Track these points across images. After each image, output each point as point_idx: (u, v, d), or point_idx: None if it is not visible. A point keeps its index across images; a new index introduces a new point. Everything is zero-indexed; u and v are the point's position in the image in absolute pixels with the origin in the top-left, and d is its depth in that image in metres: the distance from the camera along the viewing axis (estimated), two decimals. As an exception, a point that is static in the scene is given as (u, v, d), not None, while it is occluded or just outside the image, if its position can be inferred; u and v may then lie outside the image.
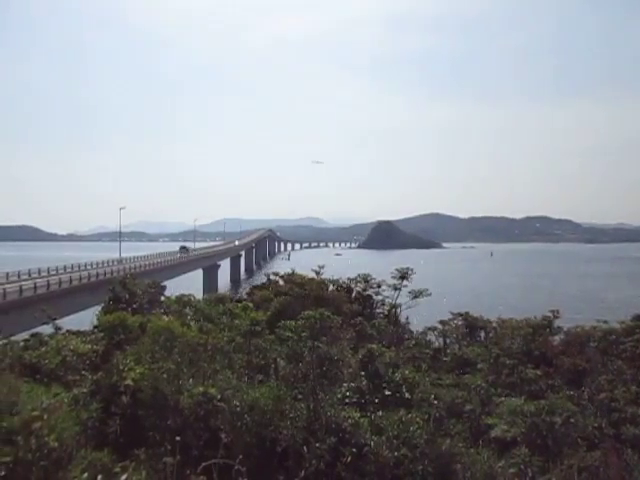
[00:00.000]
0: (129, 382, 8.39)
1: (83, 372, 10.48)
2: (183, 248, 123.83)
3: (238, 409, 9.02)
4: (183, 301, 21.75)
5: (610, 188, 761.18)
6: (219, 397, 8.87)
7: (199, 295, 35.26)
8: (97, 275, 60.76)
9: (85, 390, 8.33)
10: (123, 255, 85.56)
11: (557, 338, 31.52)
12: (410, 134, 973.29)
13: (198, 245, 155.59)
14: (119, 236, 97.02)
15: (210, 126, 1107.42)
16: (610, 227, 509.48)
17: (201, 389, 8.90)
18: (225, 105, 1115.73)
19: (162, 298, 24.76)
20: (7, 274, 51.95)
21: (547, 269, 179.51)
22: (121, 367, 8.90)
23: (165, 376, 9.03)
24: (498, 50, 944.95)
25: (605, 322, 30.57)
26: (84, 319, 29.21)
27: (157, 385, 8.63)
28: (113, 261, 77.47)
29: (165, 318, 15.47)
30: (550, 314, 32.98)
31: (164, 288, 28.63)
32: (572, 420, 14.58)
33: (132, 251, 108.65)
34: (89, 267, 67.52)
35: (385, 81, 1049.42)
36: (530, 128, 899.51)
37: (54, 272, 59.62)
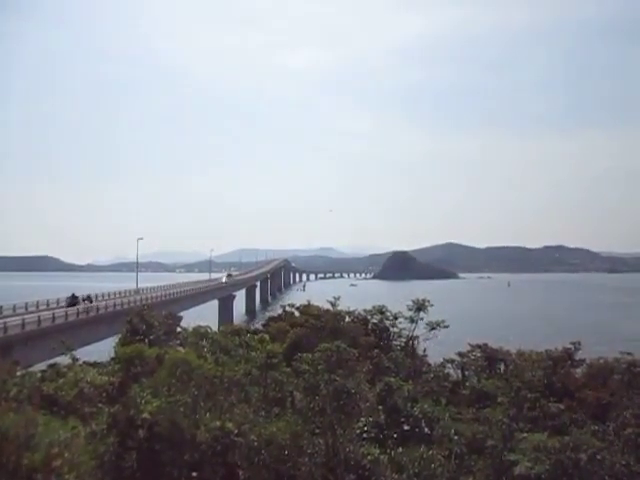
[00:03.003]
0: (146, 415, 8.31)
1: (100, 404, 10.43)
2: (229, 276, 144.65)
3: (255, 444, 8.88)
4: (200, 333, 21.75)
5: (629, 216, 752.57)
6: (236, 432, 8.74)
7: (214, 326, 35.24)
8: (114, 306, 61.05)
9: (102, 424, 8.28)
10: (140, 285, 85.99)
11: (579, 370, 30.80)
12: (426, 165, 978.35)
13: (214, 276, 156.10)
14: (136, 266, 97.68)
15: (227, 157, 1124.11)
16: (630, 256, 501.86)
17: (218, 423, 8.79)
18: (241, 136, 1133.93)
19: (178, 329, 24.78)
20: (26, 304, 52.40)
21: (565, 299, 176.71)
22: (138, 400, 8.84)
23: (182, 409, 8.94)
24: (511, 82, 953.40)
25: (629, 354, 29.82)
26: (101, 350, 29.27)
27: (174, 419, 8.53)
28: (130, 291, 77.82)
29: (182, 350, 15.43)
30: (571, 346, 32.32)
31: (180, 319, 28.70)
32: (598, 457, 14.11)
33: (149, 281, 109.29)
34: (106, 298, 67.90)
35: (403, 113, 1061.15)
36: (544, 158, 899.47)
37: (72, 303, 60.02)
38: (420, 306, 40.83)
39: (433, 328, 39.18)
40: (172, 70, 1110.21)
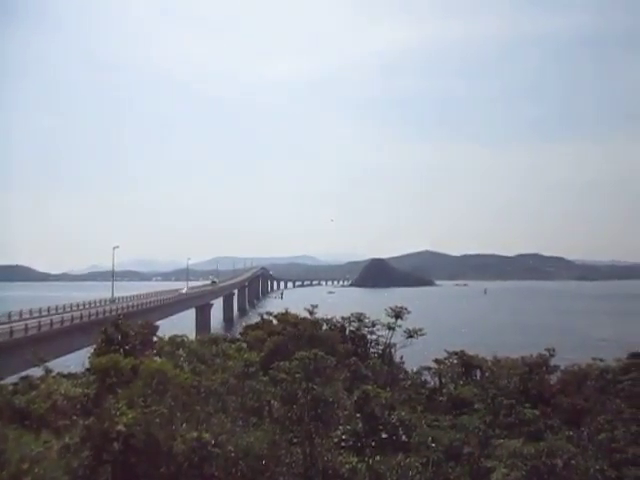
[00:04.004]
0: (121, 427, 8.17)
1: (74, 417, 10.22)
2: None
3: (233, 454, 8.80)
4: (176, 342, 21.51)
5: (602, 226, 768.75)
6: (213, 442, 8.65)
7: (192, 335, 34.88)
8: (89, 315, 60.03)
9: (76, 437, 8.12)
10: (116, 294, 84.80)
11: (554, 377, 31.25)
12: (403, 173, 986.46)
13: (191, 284, 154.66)
14: (112, 275, 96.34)
15: (203, 165, 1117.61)
16: (602, 264, 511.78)
17: (195, 434, 8.69)
18: (218, 144, 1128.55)
19: (155, 339, 24.48)
20: (-4, 315, 51.19)
21: (540, 306, 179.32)
22: (113, 411, 8.70)
23: (158, 421, 8.83)
24: (490, 93, 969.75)
25: (601, 360, 30.38)
26: (76, 361, 28.74)
27: (150, 430, 8.42)
28: (106, 301, 76.67)
29: (158, 360, 15.25)
30: (546, 352, 32.78)
31: (157, 328, 28.34)
32: (573, 462, 14.32)
33: (125, 290, 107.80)
34: (81, 307, 66.79)
35: (378, 122, 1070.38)
36: (519, 169, 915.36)
37: (45, 312, 58.83)
38: (397, 314, 41.03)
39: (410, 336, 39.40)
40: (152, 77, 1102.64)
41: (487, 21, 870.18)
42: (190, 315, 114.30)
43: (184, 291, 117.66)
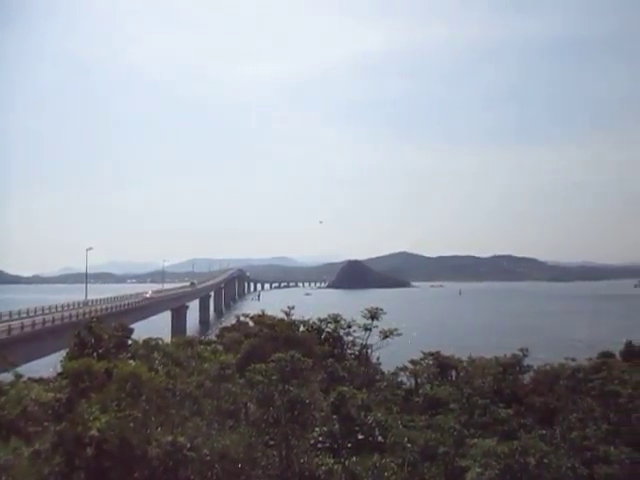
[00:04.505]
0: (94, 432, 8.05)
1: (45, 423, 10.03)
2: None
3: (208, 458, 8.74)
4: (151, 345, 21.28)
5: (573, 227, 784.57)
6: (188, 446, 8.58)
7: (167, 338, 34.53)
8: (62, 319, 59.02)
9: (47, 443, 7.97)
10: (90, 297, 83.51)
11: (527, 376, 31.73)
12: (379, 175, 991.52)
13: (167, 286, 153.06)
14: (85, 278, 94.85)
15: (180, 166, 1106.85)
16: (573, 265, 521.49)
17: (170, 438, 8.61)
18: (195, 145, 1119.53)
19: (129, 342, 24.17)
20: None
21: (514, 307, 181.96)
22: (86, 416, 8.56)
23: (132, 425, 8.72)
24: (462, 96, 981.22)
25: (573, 360, 30.95)
26: (48, 365, 28.17)
27: (124, 435, 8.31)
28: (79, 304, 75.47)
29: (132, 363, 15.06)
30: (519, 352, 33.27)
31: (131, 331, 27.96)
32: (546, 460, 14.55)
33: (99, 293, 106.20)
34: (54, 310, 65.62)
35: (359, 124, 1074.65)
36: (493, 171, 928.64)
37: (16, 316, 57.68)
38: (374, 315, 41.19)
39: (386, 336, 39.58)
40: (127, 77, 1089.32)
41: (470, 24, 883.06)
42: (166, 317, 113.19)
43: (148, 295, 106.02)
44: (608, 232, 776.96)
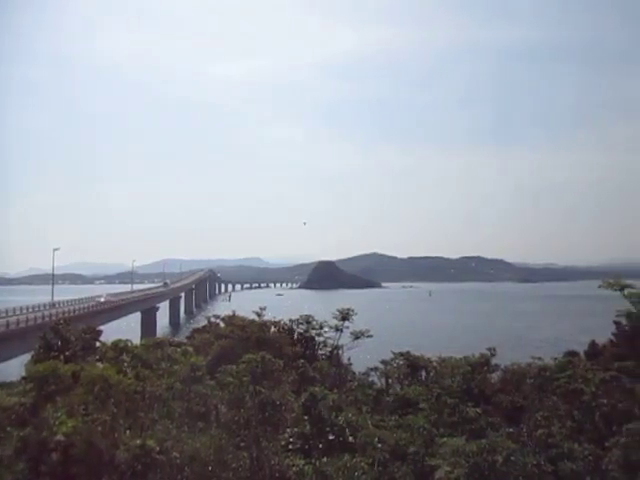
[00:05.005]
0: (60, 437, 7.90)
1: (8, 428, 9.77)
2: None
3: (178, 461, 8.66)
4: (119, 347, 20.95)
5: (540, 229, 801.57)
6: (158, 449, 8.49)
7: (137, 340, 34.03)
8: (27, 321, 57.64)
9: (10, 449, 7.78)
10: (57, 298, 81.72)
11: (495, 376, 32.23)
12: (352, 177, 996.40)
13: (136, 287, 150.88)
14: (52, 278, 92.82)
15: (150, 166, 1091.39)
16: (540, 266, 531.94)
17: (138, 441, 8.50)
18: (164, 144, 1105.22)
19: (97, 344, 23.79)
20: None
21: (482, 308, 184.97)
22: (51, 421, 8.40)
23: (100, 429, 8.58)
24: (436, 98, 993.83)
25: (539, 359, 31.56)
26: (12, 369, 27.51)
27: (91, 439, 8.17)
28: (45, 305, 73.80)
29: (100, 366, 14.84)
30: (487, 352, 33.77)
31: (100, 333, 27.51)
32: (512, 458, 14.84)
33: (66, 294, 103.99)
34: (18, 312, 64.07)
35: (328, 125, 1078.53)
36: (465, 173, 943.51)
37: (-22, 318, 56.12)
38: (345, 315, 41.36)
39: (357, 337, 39.78)
40: (95, 75, 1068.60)
41: (448, 26, 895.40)
42: (136, 319, 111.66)
43: (102, 299, 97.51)
44: (574, 235, 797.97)
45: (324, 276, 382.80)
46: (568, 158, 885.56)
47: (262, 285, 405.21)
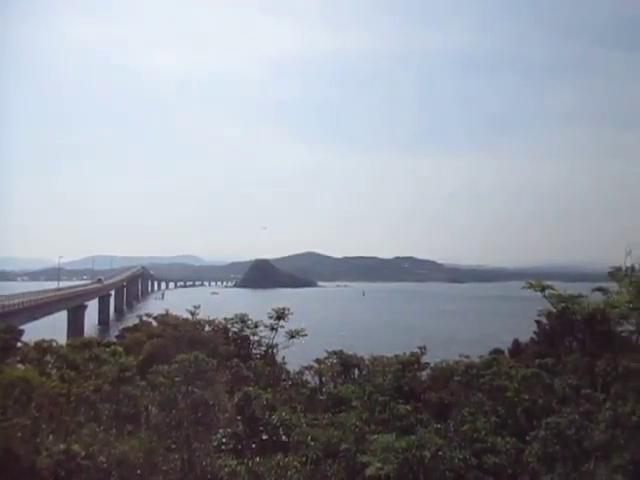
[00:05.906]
0: (-25, 443, 7.49)
1: None
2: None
3: (105, 465, 8.41)
4: (43, 347, 20.06)
5: (469, 232, 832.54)
6: (83, 454, 8.21)
7: (62, 340, 32.63)
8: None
9: None
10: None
11: (425, 373, 33.16)
12: (285, 174, 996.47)
13: (62, 284, 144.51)
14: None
15: (81, 157, 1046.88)
16: (469, 268, 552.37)
17: (62, 446, 8.18)
18: (95, 136, 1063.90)
19: (19, 344, 22.70)
20: None
21: (414, 307, 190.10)
22: (-34, 426, 7.94)
23: (20, 434, 8.20)
24: (368, 102, 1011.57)
25: (467, 357, 32.74)
26: None
27: (9, 445, 7.80)
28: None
29: (21, 367, 14.17)
30: (418, 350, 34.71)
31: (21, 333, 26.20)
32: (440, 453, 15.34)
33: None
34: None
35: (266, 123, 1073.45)
36: (399, 176, 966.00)
37: None
38: (280, 315, 41.36)
39: (292, 336, 39.88)
40: (27, 63, 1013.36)
41: (383, 32, 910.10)
42: (62, 318, 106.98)
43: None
44: (503, 237, 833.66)
45: (260, 275, 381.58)
46: (496, 163, 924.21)
47: (197, 283, 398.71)
